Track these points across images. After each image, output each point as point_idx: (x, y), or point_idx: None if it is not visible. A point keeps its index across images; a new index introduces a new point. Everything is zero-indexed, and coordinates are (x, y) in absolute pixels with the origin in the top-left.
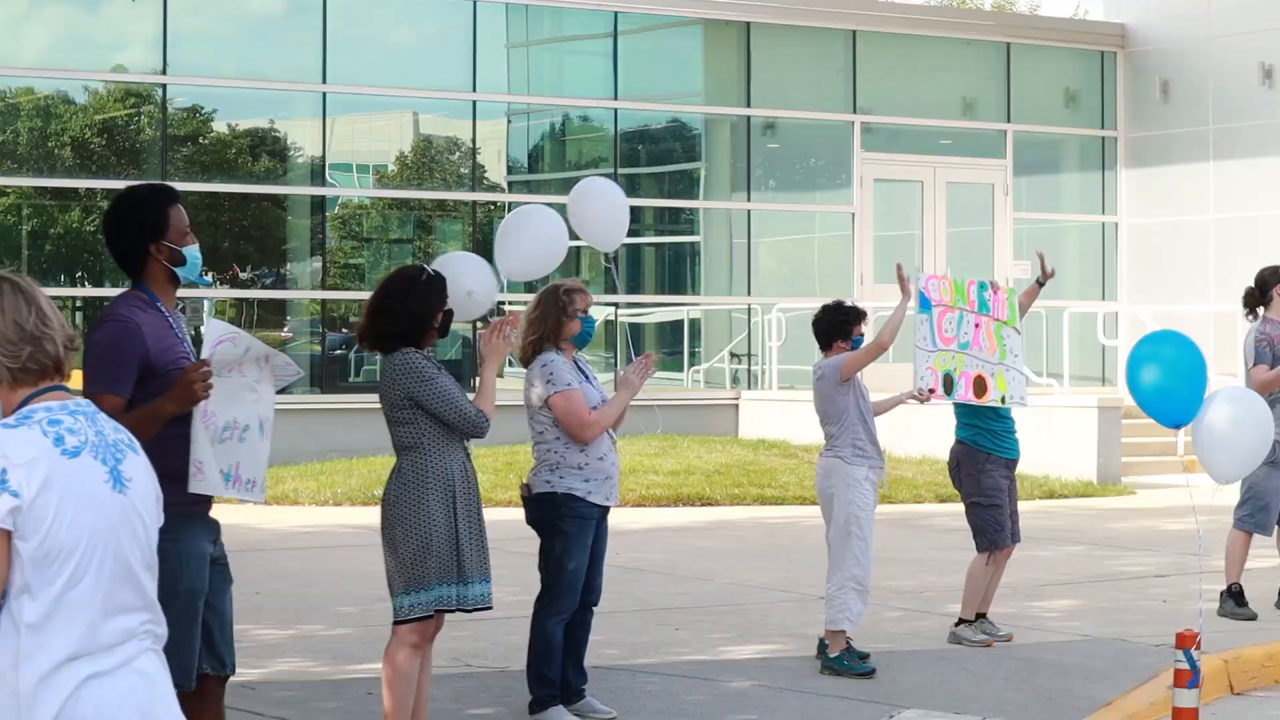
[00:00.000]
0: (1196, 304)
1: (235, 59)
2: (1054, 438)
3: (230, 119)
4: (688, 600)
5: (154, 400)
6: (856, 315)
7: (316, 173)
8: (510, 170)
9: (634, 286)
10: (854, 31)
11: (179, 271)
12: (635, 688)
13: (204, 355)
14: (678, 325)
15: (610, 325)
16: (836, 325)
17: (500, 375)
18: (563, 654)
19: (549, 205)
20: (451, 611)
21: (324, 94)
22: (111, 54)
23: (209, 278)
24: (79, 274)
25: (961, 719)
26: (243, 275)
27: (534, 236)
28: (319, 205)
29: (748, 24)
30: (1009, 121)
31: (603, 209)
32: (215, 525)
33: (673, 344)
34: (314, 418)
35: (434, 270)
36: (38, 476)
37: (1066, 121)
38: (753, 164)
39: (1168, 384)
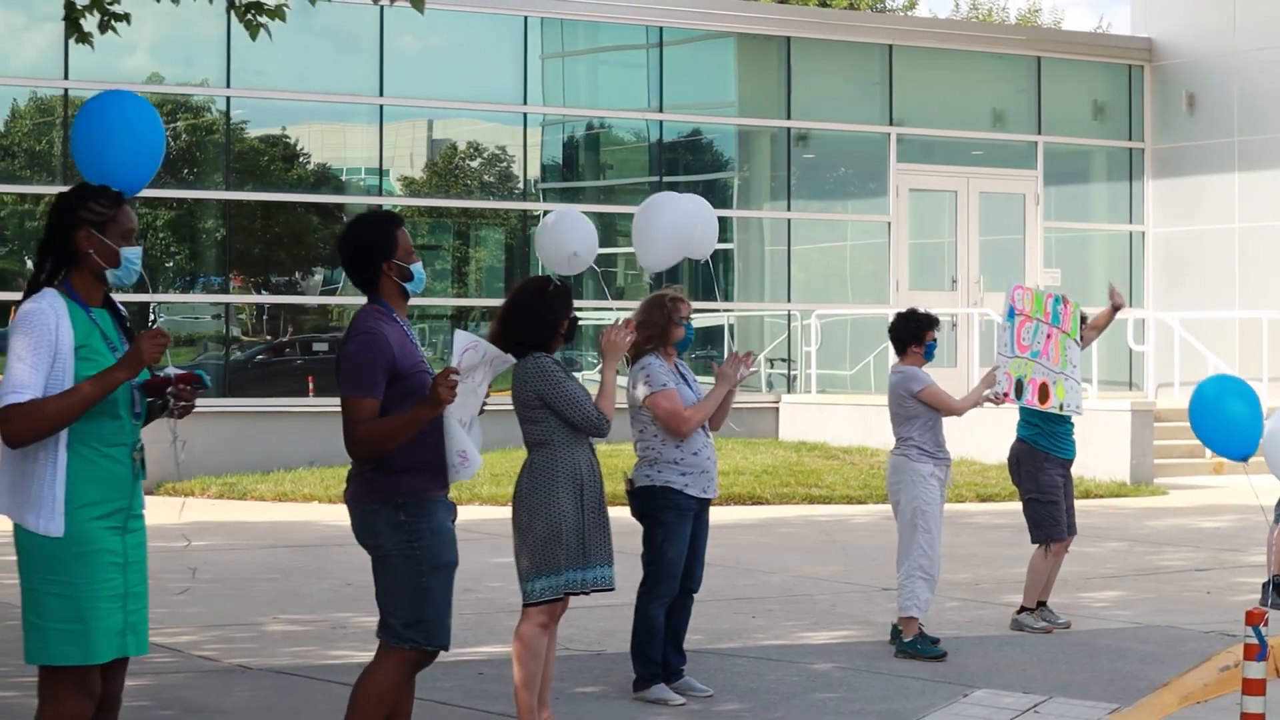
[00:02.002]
0: (1222, 310)
1: (296, 73)
2: (1088, 440)
3: (289, 130)
4: (757, 591)
5: (411, 409)
6: (930, 322)
7: (372, 182)
8: (545, 178)
9: None
10: (890, 46)
11: (407, 286)
12: (725, 669)
13: (453, 364)
14: (714, 330)
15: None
16: (910, 331)
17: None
18: (664, 636)
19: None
20: (576, 594)
21: (380, 106)
22: (178, 68)
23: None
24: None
25: (1029, 698)
26: (301, 282)
27: (670, 229)
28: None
29: (788, 39)
30: (1039, 133)
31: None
32: (453, 506)
33: (709, 349)
34: None
35: (560, 281)
36: None
37: (1095, 133)
38: (795, 174)
39: (1236, 428)
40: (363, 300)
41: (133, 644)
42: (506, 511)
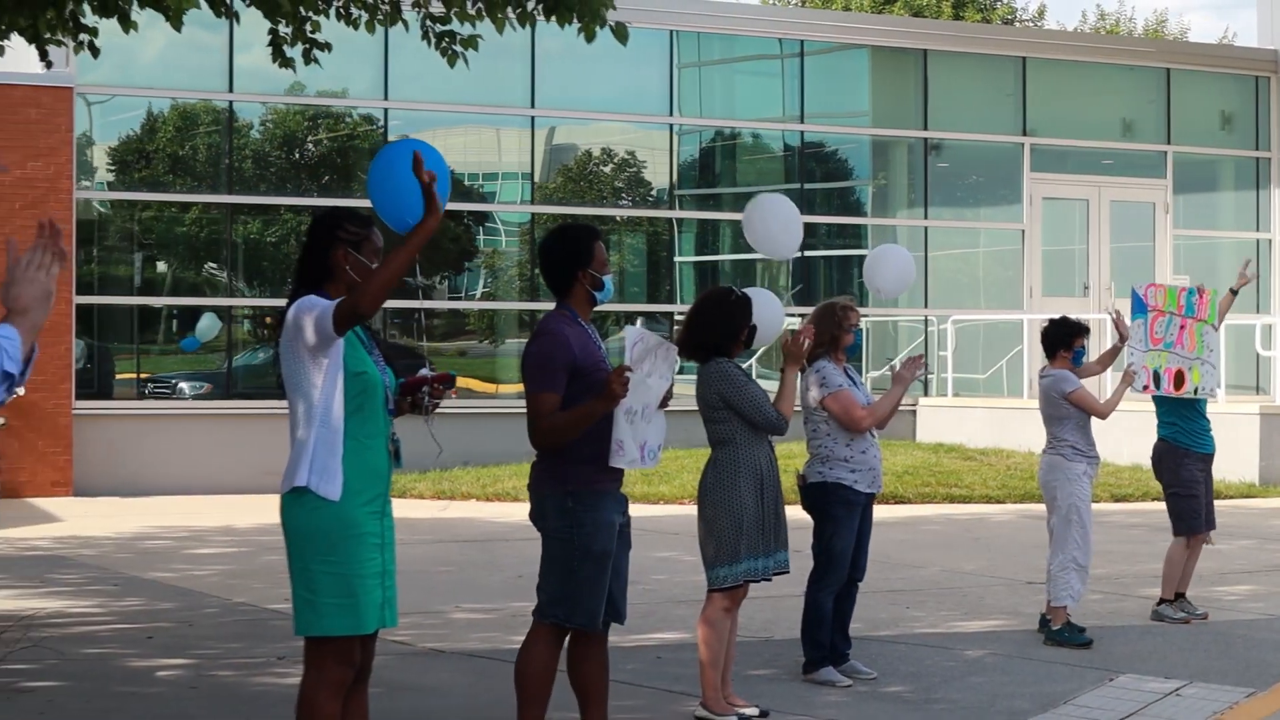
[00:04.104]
0: None
1: (449, 84)
2: (1218, 442)
3: (440, 140)
4: (908, 584)
5: (587, 403)
6: (1080, 329)
7: (525, 190)
8: (681, 186)
9: (806, 297)
10: (1024, 59)
11: (597, 295)
12: (886, 654)
13: (626, 360)
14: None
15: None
16: (1061, 337)
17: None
18: (831, 622)
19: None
20: (757, 581)
21: (532, 117)
22: (333, 80)
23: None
24: (261, 284)
25: (1170, 683)
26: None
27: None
28: (526, 222)
29: (924, 51)
30: (1168, 143)
31: (778, 223)
32: (624, 499)
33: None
34: None
35: (741, 292)
36: None
37: (1222, 143)
38: (930, 183)
39: None
40: (504, 305)
41: (389, 616)
42: (676, 509)
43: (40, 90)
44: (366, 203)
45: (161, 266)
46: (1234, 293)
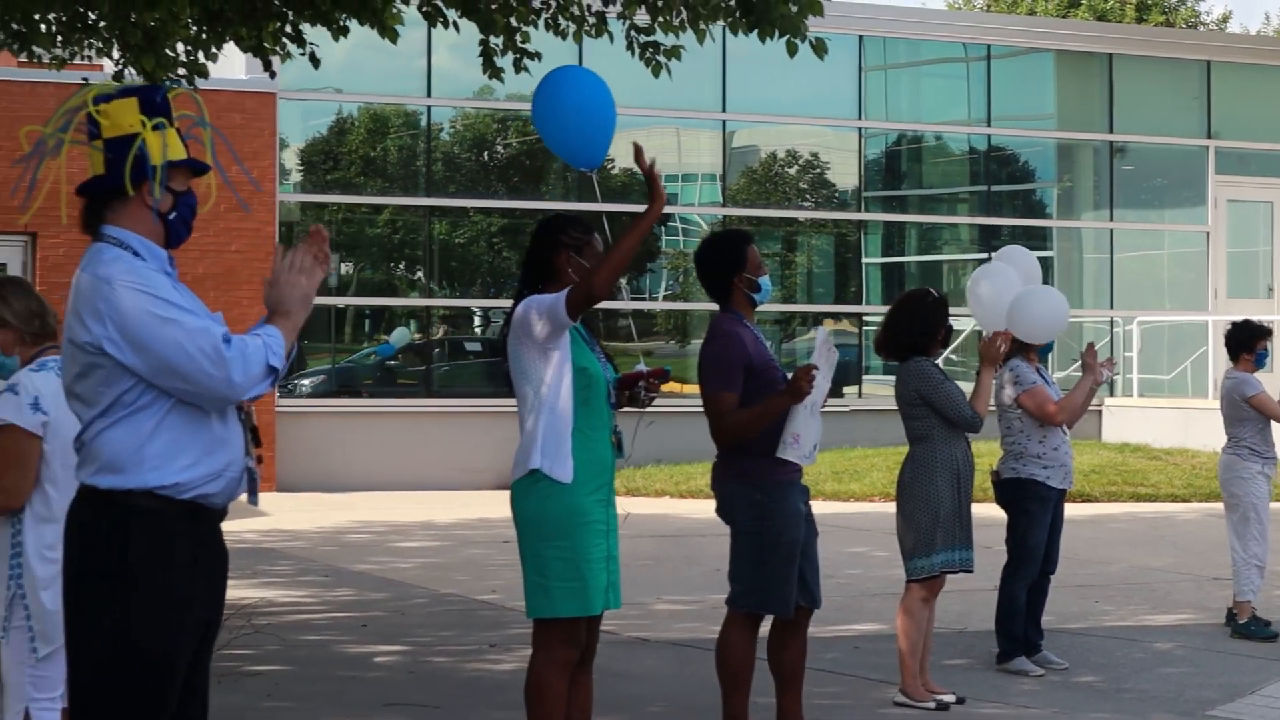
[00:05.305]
0: None
1: (641, 89)
2: None
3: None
4: (1097, 579)
5: (770, 399)
6: (1262, 332)
7: (715, 192)
8: (868, 188)
9: None
10: (1208, 62)
11: (755, 297)
12: (1077, 646)
13: (813, 360)
14: None
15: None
16: (1244, 340)
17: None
18: (1024, 614)
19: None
20: (954, 572)
21: (723, 121)
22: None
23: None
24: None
25: None
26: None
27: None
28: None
29: (1109, 55)
30: None
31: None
32: (806, 489)
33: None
34: None
35: (938, 294)
36: (55, 403)
37: None
38: (1114, 185)
39: None
40: (694, 305)
41: (613, 599)
42: (866, 506)
43: (244, 95)
44: (541, 205)
45: (350, 268)
46: None
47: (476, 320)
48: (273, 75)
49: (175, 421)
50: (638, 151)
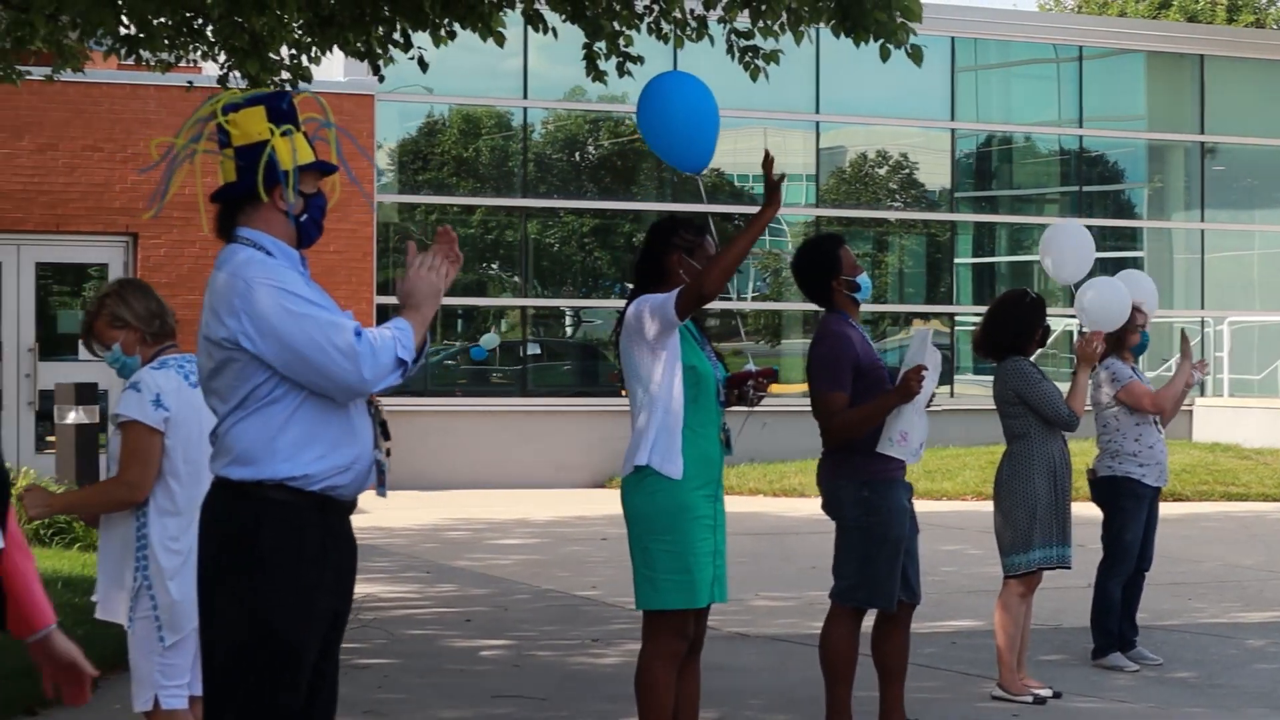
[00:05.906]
0: None
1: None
2: None
3: (723, 143)
4: (1189, 577)
5: (880, 398)
6: None
7: (809, 193)
8: (959, 189)
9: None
10: None
11: (855, 296)
12: (1170, 642)
13: (920, 359)
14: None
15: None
16: None
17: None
18: (1119, 610)
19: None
20: (1051, 569)
21: (816, 122)
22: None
23: None
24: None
25: None
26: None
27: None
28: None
29: (1200, 56)
30: None
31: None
32: (910, 486)
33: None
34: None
35: (1035, 294)
36: (176, 399)
37: None
38: (1205, 186)
39: None
40: (786, 305)
41: (719, 592)
42: (960, 505)
43: (343, 97)
44: (630, 206)
45: None
46: None
47: (568, 320)
48: (381, 79)
49: (306, 415)
50: (767, 160)
